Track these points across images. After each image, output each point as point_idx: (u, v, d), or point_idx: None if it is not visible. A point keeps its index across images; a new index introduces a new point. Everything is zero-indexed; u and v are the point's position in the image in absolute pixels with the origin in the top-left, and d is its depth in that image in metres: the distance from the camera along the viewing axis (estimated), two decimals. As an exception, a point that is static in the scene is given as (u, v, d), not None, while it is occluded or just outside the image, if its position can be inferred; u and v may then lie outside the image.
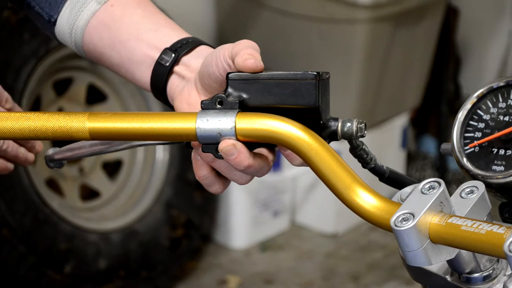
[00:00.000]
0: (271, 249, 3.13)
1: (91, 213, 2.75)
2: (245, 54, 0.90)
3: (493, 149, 0.89)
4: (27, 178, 2.44)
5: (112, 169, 2.90)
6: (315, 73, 0.88)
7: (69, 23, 1.05)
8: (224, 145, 0.88)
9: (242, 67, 0.90)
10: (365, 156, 0.93)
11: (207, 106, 0.89)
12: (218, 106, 0.89)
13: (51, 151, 1.10)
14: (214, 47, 0.99)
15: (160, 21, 1.03)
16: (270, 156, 0.93)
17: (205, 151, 0.90)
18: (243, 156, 0.88)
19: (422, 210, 0.77)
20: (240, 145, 0.88)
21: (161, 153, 2.84)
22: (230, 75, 0.91)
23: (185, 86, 0.98)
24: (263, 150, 0.93)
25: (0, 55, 2.39)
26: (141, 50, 1.01)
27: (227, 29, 3.24)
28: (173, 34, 1.01)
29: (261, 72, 0.90)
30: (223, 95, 0.90)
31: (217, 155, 0.89)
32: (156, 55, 1.00)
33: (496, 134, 0.89)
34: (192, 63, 0.98)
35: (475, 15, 3.70)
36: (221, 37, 3.22)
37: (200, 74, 0.95)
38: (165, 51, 0.99)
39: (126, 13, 1.03)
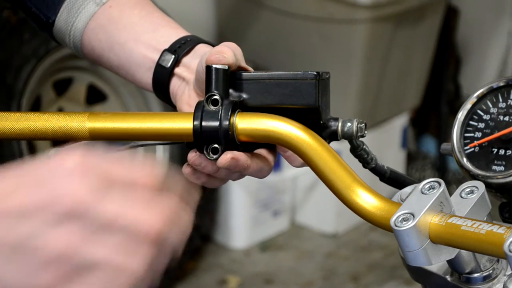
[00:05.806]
0: (271, 249, 3.13)
1: (91, 213, 2.74)
2: (213, 50, 0.90)
3: (493, 149, 0.89)
4: (27, 178, 2.44)
5: (112, 169, 2.89)
6: (315, 73, 0.88)
7: (67, 24, 1.04)
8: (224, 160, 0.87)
9: (208, 61, 0.89)
10: (366, 156, 0.92)
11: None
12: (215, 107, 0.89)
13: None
14: (213, 44, 0.99)
15: (158, 20, 1.02)
16: (270, 157, 0.93)
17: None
18: (241, 162, 0.88)
19: (422, 210, 0.77)
20: (236, 152, 0.88)
21: (161, 153, 2.84)
22: (212, 67, 0.89)
23: (185, 88, 0.98)
24: (262, 151, 0.92)
25: (0, 55, 2.39)
26: (140, 52, 1.00)
27: (227, 29, 3.24)
28: (171, 34, 1.00)
29: (244, 69, 0.90)
30: (215, 92, 0.89)
31: None
32: (155, 56, 0.99)
33: (496, 134, 0.89)
34: (192, 64, 0.98)
35: (475, 15, 3.70)
36: (221, 37, 3.22)
37: (196, 77, 0.95)
38: (165, 52, 0.99)
39: (124, 14, 1.02)
